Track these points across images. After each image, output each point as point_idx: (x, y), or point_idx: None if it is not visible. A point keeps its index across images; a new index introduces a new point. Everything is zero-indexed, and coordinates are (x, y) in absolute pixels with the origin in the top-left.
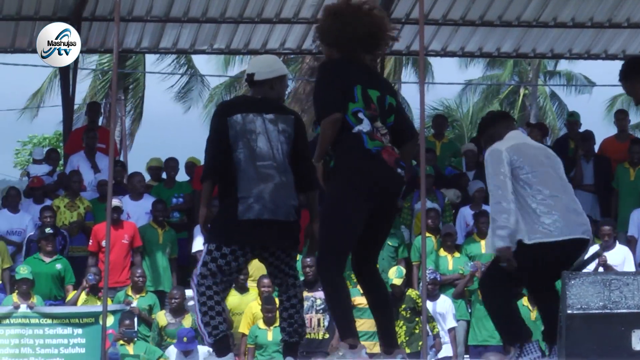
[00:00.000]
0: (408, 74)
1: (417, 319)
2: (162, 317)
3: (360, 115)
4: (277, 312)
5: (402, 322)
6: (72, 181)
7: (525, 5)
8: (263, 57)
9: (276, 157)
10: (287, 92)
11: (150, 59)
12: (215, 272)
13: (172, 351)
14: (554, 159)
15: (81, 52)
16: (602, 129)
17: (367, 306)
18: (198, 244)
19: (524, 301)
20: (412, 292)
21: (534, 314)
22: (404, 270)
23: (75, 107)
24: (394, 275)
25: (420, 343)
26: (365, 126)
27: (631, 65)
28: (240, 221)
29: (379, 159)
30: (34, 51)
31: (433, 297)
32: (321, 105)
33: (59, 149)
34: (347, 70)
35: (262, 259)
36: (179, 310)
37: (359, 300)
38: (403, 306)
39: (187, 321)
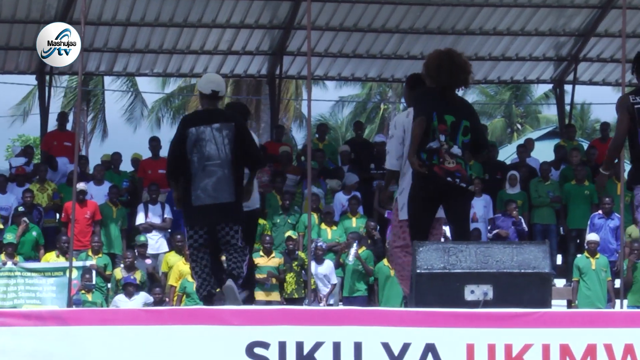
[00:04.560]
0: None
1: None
2: (119, 272)
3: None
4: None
5: (293, 274)
6: (40, 170)
7: (386, 42)
8: (218, 77)
9: (221, 156)
10: None
11: (107, 80)
12: (192, 248)
13: (122, 298)
14: None
15: (54, 74)
16: None
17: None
18: (140, 218)
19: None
20: (302, 254)
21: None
22: (297, 233)
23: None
24: (291, 233)
25: (304, 291)
26: (433, 144)
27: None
28: (193, 207)
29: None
30: (20, 73)
31: (320, 261)
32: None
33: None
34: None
35: (215, 233)
36: (131, 267)
37: (258, 260)
38: (295, 262)
39: (138, 275)
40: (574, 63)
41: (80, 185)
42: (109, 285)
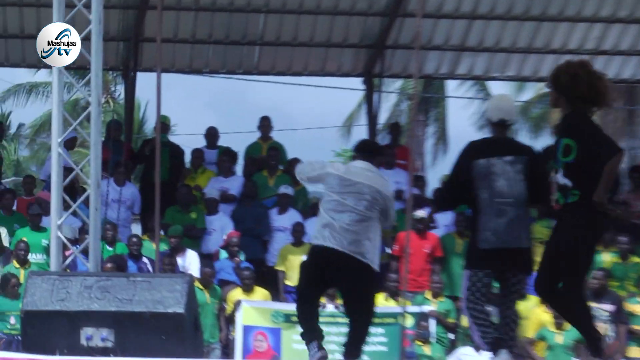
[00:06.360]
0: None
1: None
2: (465, 319)
3: None
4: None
5: None
6: None
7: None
8: (504, 101)
9: (514, 193)
10: None
11: (451, 85)
12: (471, 293)
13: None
14: None
15: (384, 76)
16: None
17: None
18: None
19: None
20: None
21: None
22: None
23: (379, 126)
24: None
25: None
26: None
27: None
28: (480, 250)
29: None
30: (343, 75)
31: None
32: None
33: None
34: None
35: (500, 279)
36: None
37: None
38: None
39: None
40: None
41: (420, 213)
42: (452, 335)
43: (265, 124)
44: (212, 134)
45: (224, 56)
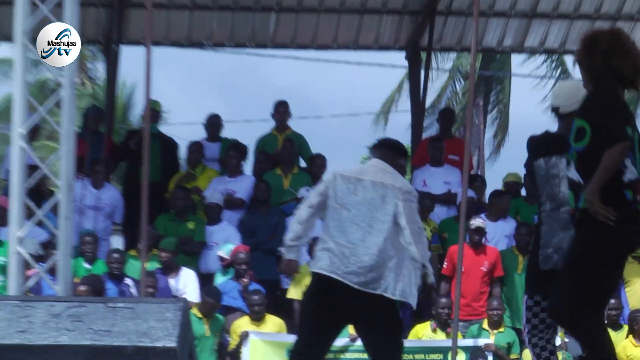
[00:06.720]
0: None
1: None
2: (528, 356)
3: (627, 161)
4: None
5: None
6: None
7: None
8: (566, 86)
9: None
10: None
11: (517, 60)
12: (530, 324)
13: None
14: None
15: (433, 50)
16: None
17: None
18: None
19: None
20: None
21: None
22: None
23: (426, 112)
24: None
25: None
26: (630, 174)
27: None
28: (540, 271)
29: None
30: (381, 48)
31: None
32: (610, 130)
33: None
34: (623, 107)
35: None
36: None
37: None
38: None
39: None
40: None
41: (477, 222)
42: None
43: (281, 111)
44: (214, 124)
45: (232, 25)
